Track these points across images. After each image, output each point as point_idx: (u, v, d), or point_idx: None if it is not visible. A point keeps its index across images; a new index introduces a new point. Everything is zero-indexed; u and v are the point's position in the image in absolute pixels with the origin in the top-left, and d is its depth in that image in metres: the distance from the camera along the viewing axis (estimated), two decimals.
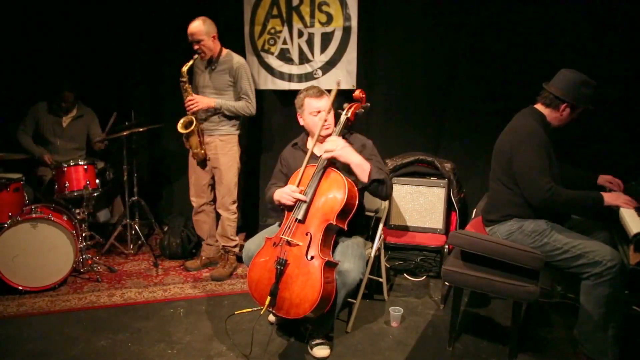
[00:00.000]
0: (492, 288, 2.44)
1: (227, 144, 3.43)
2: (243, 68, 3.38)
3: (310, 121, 2.73)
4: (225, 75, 3.37)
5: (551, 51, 3.34)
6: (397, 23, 3.71)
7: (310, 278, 2.32)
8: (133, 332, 2.79)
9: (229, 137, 3.44)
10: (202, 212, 3.63)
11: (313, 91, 2.73)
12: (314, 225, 2.45)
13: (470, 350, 2.63)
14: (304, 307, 2.31)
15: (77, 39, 4.19)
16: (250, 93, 3.41)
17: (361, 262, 2.51)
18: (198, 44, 3.27)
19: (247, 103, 3.39)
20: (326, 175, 2.54)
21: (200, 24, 3.25)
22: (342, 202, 2.44)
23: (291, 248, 2.42)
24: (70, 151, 4.00)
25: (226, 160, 3.43)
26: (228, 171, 3.44)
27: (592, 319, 2.36)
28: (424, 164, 3.57)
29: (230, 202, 3.48)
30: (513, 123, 2.63)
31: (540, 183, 2.40)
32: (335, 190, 2.49)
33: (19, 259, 3.20)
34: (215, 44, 3.34)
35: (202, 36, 3.25)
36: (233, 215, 3.52)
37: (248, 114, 3.42)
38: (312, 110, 2.70)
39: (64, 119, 3.98)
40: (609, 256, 2.30)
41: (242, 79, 3.36)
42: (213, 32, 3.31)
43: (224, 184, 3.45)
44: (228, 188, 3.46)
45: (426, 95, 3.77)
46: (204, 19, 3.28)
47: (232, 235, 3.55)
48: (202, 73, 3.44)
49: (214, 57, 3.37)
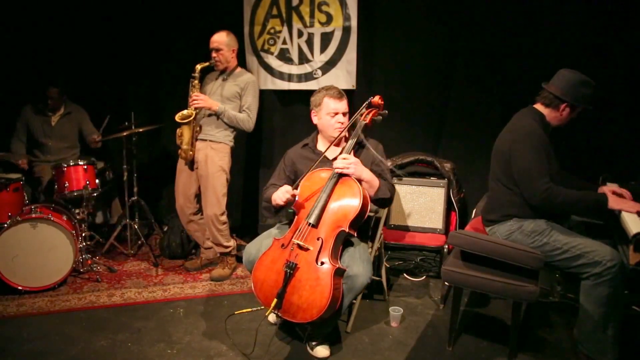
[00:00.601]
0: (491, 288, 2.44)
1: (218, 153, 3.38)
2: (252, 85, 3.42)
3: (326, 122, 2.69)
4: (234, 86, 3.39)
5: (551, 51, 3.35)
6: (396, 23, 3.71)
7: (319, 284, 2.29)
8: (133, 332, 2.79)
9: (222, 146, 3.40)
10: (192, 222, 3.58)
11: (333, 92, 2.68)
12: (326, 230, 2.41)
13: (470, 350, 2.63)
14: (312, 313, 2.29)
15: (75, 39, 4.18)
16: (253, 109, 3.42)
17: (369, 266, 2.50)
18: (217, 53, 3.34)
19: (248, 116, 3.39)
20: (342, 181, 2.51)
21: (224, 35, 3.35)
22: (357, 210, 2.41)
23: (302, 252, 2.38)
24: (63, 150, 4.00)
25: (214, 169, 3.36)
26: (215, 180, 3.36)
27: (592, 318, 2.36)
28: (424, 164, 3.57)
29: (219, 214, 3.40)
30: (512, 123, 2.63)
31: (538, 183, 2.40)
32: (350, 196, 2.45)
33: (19, 259, 3.19)
34: (232, 58, 3.41)
35: (223, 46, 3.34)
36: (223, 226, 3.45)
37: (246, 128, 3.40)
38: (330, 111, 2.66)
39: (52, 118, 3.98)
40: (608, 256, 2.30)
41: (249, 93, 3.39)
42: (234, 46, 3.41)
43: (210, 193, 3.37)
44: (216, 198, 3.38)
45: (426, 95, 3.77)
46: (228, 32, 3.38)
47: (226, 242, 3.51)
48: (212, 82, 3.46)
49: (228, 69, 3.41)
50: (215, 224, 3.41)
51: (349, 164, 2.49)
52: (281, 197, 2.50)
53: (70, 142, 4.05)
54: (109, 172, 4.03)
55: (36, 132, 3.95)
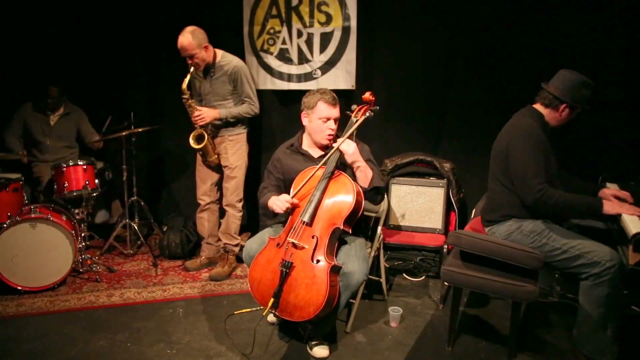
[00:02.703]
0: (491, 288, 2.44)
1: (236, 143, 3.47)
2: (241, 70, 3.36)
3: (317, 126, 2.67)
4: (225, 83, 3.37)
5: (551, 51, 3.34)
6: (396, 23, 3.71)
7: (316, 282, 2.31)
8: (132, 332, 2.79)
9: (238, 136, 3.48)
10: (207, 209, 3.63)
11: (328, 97, 2.65)
12: (320, 228, 2.43)
13: (469, 350, 2.63)
14: (309, 311, 2.30)
15: (75, 39, 4.18)
16: (252, 94, 3.42)
17: (365, 263, 2.50)
18: (191, 59, 3.23)
19: (250, 105, 3.40)
20: (335, 178, 2.52)
21: (189, 38, 3.16)
22: (350, 206, 2.42)
23: (297, 251, 2.39)
24: (60, 150, 4.00)
25: (235, 158, 3.48)
26: (238, 169, 3.49)
27: (591, 319, 2.36)
28: (424, 164, 3.57)
29: (237, 200, 3.51)
30: (511, 122, 2.63)
31: (532, 183, 2.39)
32: (343, 193, 2.47)
33: (18, 259, 3.19)
34: (208, 53, 3.28)
35: (194, 50, 3.19)
36: (239, 213, 3.56)
37: (252, 114, 3.45)
38: (323, 117, 2.64)
39: (51, 117, 3.98)
40: (607, 256, 2.30)
41: (241, 82, 3.36)
42: (204, 42, 3.23)
43: (232, 182, 3.49)
44: (237, 185, 3.50)
45: (425, 95, 3.77)
46: (191, 31, 3.19)
47: (235, 234, 3.57)
48: (203, 81, 3.44)
49: (210, 63, 3.35)
50: (233, 211, 3.52)
51: (350, 148, 2.50)
52: (280, 207, 2.49)
53: (68, 142, 4.05)
54: (109, 172, 4.03)
55: (34, 130, 3.95)
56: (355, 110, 2.65)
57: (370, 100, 2.68)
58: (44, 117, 3.96)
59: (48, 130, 3.97)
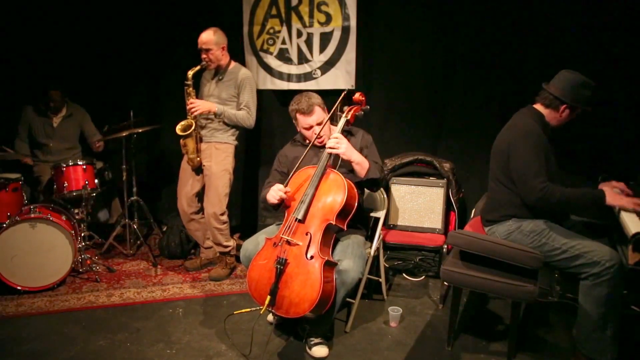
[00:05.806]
0: (491, 288, 2.44)
1: (222, 153, 3.39)
2: (248, 80, 3.37)
3: (304, 133, 2.77)
4: (230, 87, 3.37)
5: (550, 51, 3.35)
6: (395, 23, 3.71)
7: (309, 277, 2.33)
8: (132, 332, 2.79)
9: (225, 146, 3.41)
10: (193, 220, 3.57)
11: (303, 106, 2.69)
12: (314, 225, 2.46)
13: (469, 350, 2.63)
14: (303, 307, 2.32)
15: (75, 39, 4.19)
16: (252, 105, 3.39)
17: (361, 261, 2.52)
18: (206, 53, 3.29)
19: (248, 114, 3.37)
20: (326, 176, 2.55)
21: (210, 34, 3.27)
22: (341, 203, 2.45)
23: (291, 247, 2.43)
24: (64, 151, 4.01)
25: (218, 169, 3.37)
26: (219, 180, 3.37)
27: (590, 318, 2.35)
28: (423, 164, 3.57)
29: (219, 213, 3.39)
30: (511, 122, 2.63)
31: (534, 182, 2.39)
32: (335, 190, 2.50)
33: (18, 259, 3.19)
34: (223, 55, 3.35)
35: (212, 45, 3.27)
36: (223, 225, 3.45)
37: (247, 125, 3.39)
38: (304, 126, 2.73)
39: (54, 119, 3.99)
40: (607, 256, 2.30)
41: (245, 90, 3.36)
42: (223, 43, 3.32)
43: (212, 192, 3.37)
44: (218, 198, 3.37)
45: (425, 95, 3.77)
46: (215, 30, 3.30)
47: (226, 242, 3.50)
48: (208, 83, 3.44)
49: (222, 67, 3.38)
50: (216, 223, 3.40)
51: (338, 143, 2.51)
52: (274, 196, 2.55)
53: (71, 143, 4.06)
54: (108, 172, 4.03)
55: (37, 132, 3.95)
56: (346, 110, 2.71)
57: (361, 101, 2.74)
58: (46, 119, 3.97)
59: (51, 132, 3.98)
